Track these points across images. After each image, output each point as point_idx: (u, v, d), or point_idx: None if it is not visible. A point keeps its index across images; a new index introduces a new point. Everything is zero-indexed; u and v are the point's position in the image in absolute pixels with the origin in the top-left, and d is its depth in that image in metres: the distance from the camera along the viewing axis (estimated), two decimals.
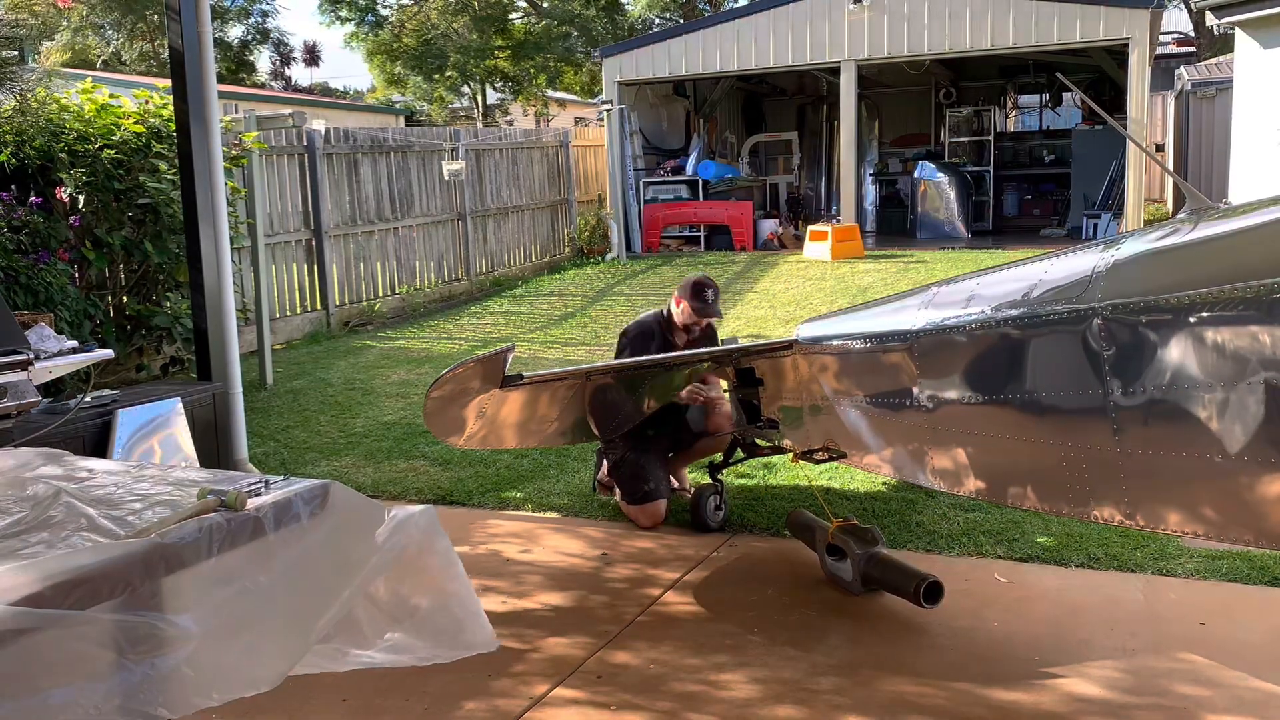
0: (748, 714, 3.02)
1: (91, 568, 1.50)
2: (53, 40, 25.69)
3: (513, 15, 28.86)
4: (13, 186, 6.64)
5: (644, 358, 4.53)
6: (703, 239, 16.26)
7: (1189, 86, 15.43)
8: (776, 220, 17.07)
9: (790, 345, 3.99)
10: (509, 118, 31.14)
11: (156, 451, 4.75)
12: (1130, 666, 3.20)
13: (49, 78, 7.09)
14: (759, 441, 4.51)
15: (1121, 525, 2.82)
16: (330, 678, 3.20)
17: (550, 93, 30.18)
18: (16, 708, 1.36)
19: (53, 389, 4.72)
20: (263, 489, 1.79)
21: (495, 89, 31.42)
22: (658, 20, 28.42)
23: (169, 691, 1.52)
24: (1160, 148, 18.34)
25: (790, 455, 4.35)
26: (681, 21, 24.98)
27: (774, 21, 15.56)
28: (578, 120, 26.24)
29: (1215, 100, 14.47)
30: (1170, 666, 3.19)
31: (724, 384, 4.61)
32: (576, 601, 3.85)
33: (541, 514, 4.86)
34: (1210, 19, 20.55)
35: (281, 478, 1.87)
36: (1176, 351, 2.48)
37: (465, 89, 30.27)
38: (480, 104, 30.82)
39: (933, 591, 3.54)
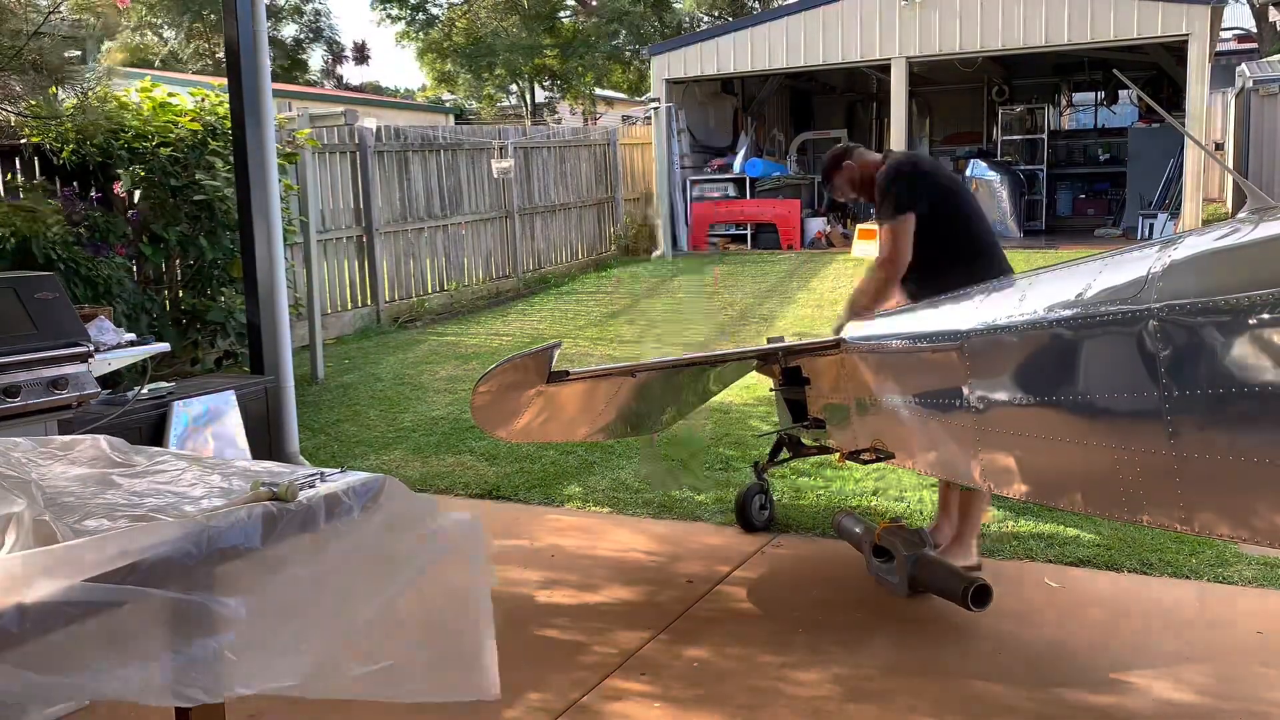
0: (795, 712, 3.00)
1: (146, 549, 1.55)
2: (113, 40, 26.27)
3: (561, 14, 28.98)
4: (74, 183, 6.81)
5: (689, 356, 4.52)
6: (749, 237, 16.20)
7: (1250, 84, 15.08)
8: (825, 219, 16.96)
9: (838, 344, 3.97)
10: (556, 116, 31.28)
11: (210, 443, 4.84)
12: (1183, 675, 3.14)
13: (109, 76, 7.24)
14: (805, 441, 4.49)
15: (1176, 530, 2.77)
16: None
17: (598, 91, 30.25)
18: (66, 681, 1.41)
19: (111, 381, 4.82)
20: (317, 481, 1.81)
21: (543, 87, 31.58)
22: (706, 18, 28.37)
23: (213, 675, 1.55)
24: (1220, 146, 17.95)
25: (837, 455, 4.33)
26: (730, 19, 24.90)
27: (824, 19, 15.45)
28: (625, 118, 26.33)
29: (1277, 98, 14.12)
30: (1225, 675, 3.13)
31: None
32: (619, 598, 3.86)
33: (586, 509, 4.88)
34: (1273, 14, 20.08)
35: (338, 470, 1.89)
36: (1235, 354, 2.43)
37: (514, 87, 30.46)
38: (528, 102, 30.99)
39: (981, 595, 3.50)
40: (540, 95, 31.96)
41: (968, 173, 16.86)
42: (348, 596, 1.74)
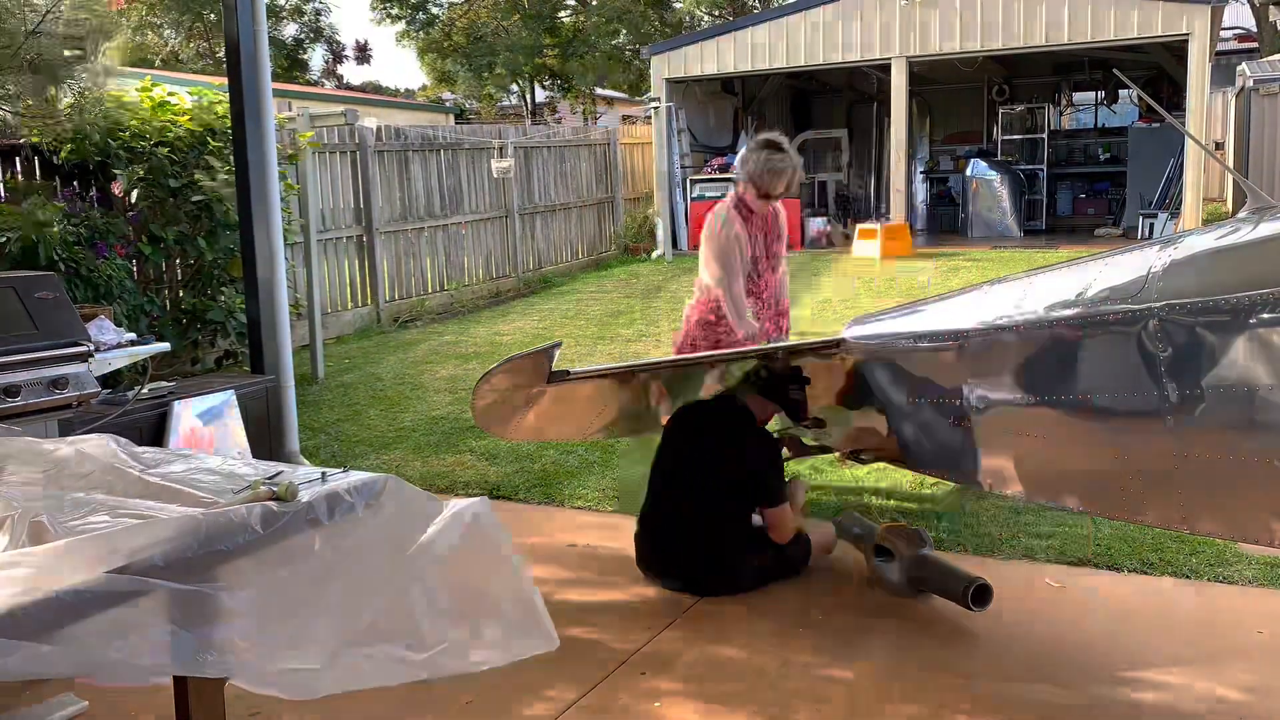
0: (795, 711, 3.00)
1: (146, 547, 1.57)
2: (111, 40, 26.28)
3: (561, 13, 28.97)
4: (73, 183, 6.80)
5: (690, 355, 4.52)
6: None
7: (1250, 83, 15.08)
8: (825, 218, 16.96)
9: (838, 344, 3.97)
10: (557, 115, 31.29)
11: (210, 443, 4.85)
12: (1185, 674, 3.14)
13: (107, 75, 7.23)
14: (806, 441, 4.48)
15: (1177, 530, 2.77)
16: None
17: (598, 90, 30.26)
18: (72, 658, 1.43)
19: (111, 380, 4.82)
20: (320, 481, 1.82)
21: (544, 87, 31.58)
22: (706, 17, 28.37)
23: (218, 659, 1.58)
24: (1220, 145, 17.94)
25: (837, 455, 4.32)
26: (730, 19, 24.90)
27: (824, 18, 15.45)
28: (625, 118, 26.34)
29: (1277, 98, 14.12)
30: (1226, 675, 3.13)
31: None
32: (619, 597, 3.86)
33: (586, 509, 4.88)
34: (1273, 14, 20.07)
35: (340, 470, 1.90)
36: (1235, 353, 2.43)
37: (514, 87, 30.45)
38: (529, 102, 30.98)
39: (981, 594, 3.50)
40: (540, 95, 31.96)
41: (968, 172, 16.89)
42: (355, 591, 1.75)
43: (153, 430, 4.63)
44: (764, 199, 4.52)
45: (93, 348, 3.86)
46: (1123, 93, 19.10)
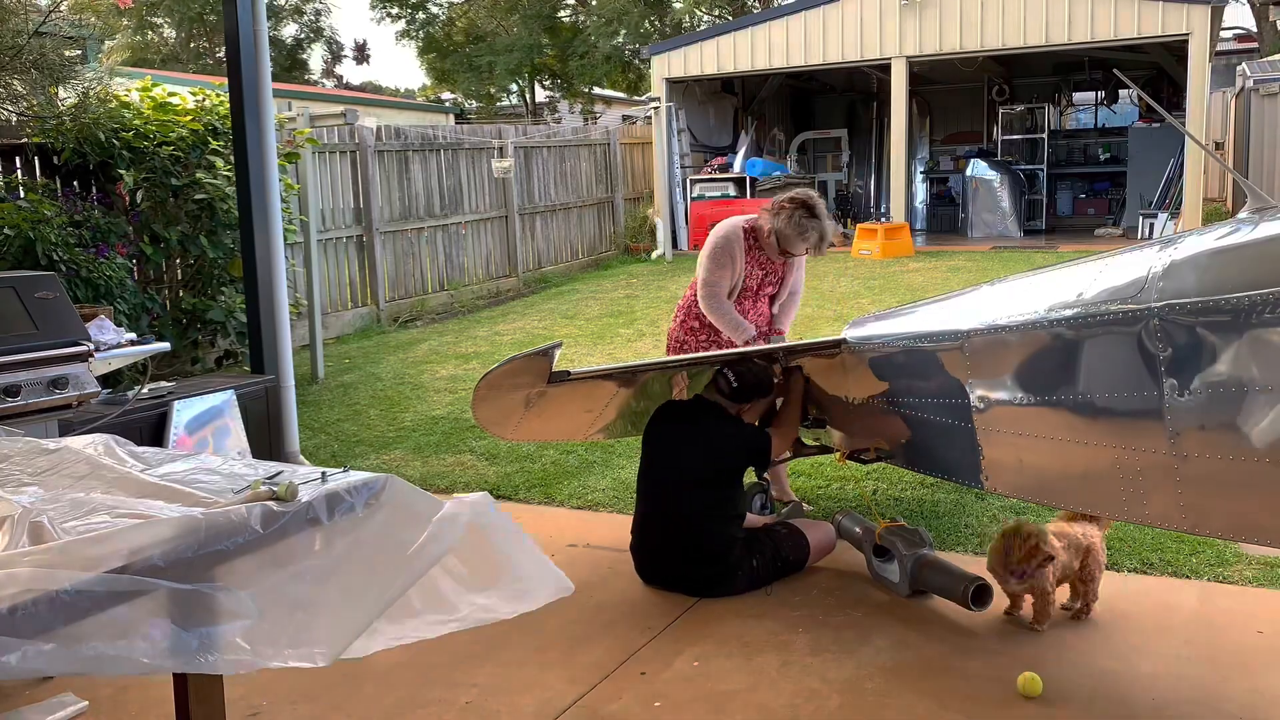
0: (795, 711, 3.00)
1: (146, 546, 1.57)
2: (114, 40, 26.29)
3: (561, 13, 28.96)
4: (75, 182, 6.81)
5: (692, 355, 4.52)
6: None
7: (1250, 84, 15.09)
8: None
9: (839, 344, 3.97)
10: (557, 115, 31.27)
11: (210, 443, 4.84)
12: (1183, 674, 3.14)
13: (110, 75, 7.24)
14: (806, 441, 4.48)
15: (1176, 530, 2.77)
16: (375, 667, 3.24)
17: (597, 90, 30.24)
18: (72, 657, 1.44)
19: (111, 380, 4.82)
20: (320, 481, 1.82)
21: (544, 87, 31.57)
22: (706, 17, 28.36)
23: (217, 659, 1.59)
24: (1220, 145, 17.95)
25: (838, 455, 4.33)
26: (730, 19, 24.89)
27: (824, 18, 15.46)
28: (625, 118, 26.33)
29: (1277, 98, 14.13)
30: (1225, 675, 3.13)
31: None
32: (619, 597, 3.86)
33: (586, 509, 4.88)
34: (1273, 14, 20.08)
35: (340, 470, 1.90)
36: (1235, 354, 2.43)
37: (514, 87, 30.45)
38: (528, 102, 30.98)
39: (981, 594, 3.51)
40: (540, 95, 31.95)
41: (968, 172, 16.89)
42: (355, 591, 1.76)
43: (152, 430, 4.63)
44: (782, 254, 4.56)
45: (93, 348, 3.86)
46: (1123, 93, 19.10)
